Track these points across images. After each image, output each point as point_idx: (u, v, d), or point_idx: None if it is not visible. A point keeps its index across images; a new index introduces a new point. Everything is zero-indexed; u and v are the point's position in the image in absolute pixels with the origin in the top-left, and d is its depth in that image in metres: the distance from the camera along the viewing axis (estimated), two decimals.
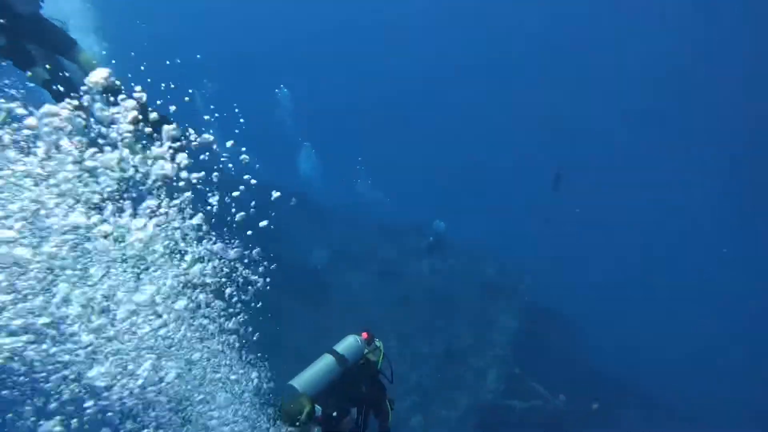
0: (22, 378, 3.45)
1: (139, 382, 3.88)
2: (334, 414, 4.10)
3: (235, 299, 4.89)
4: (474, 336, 15.33)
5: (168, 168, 3.82)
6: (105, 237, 3.61)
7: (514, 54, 40.36)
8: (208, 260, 4.44)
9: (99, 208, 3.64)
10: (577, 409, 14.51)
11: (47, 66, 5.20)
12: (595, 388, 15.92)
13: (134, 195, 3.91)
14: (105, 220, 3.64)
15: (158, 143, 3.97)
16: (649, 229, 37.79)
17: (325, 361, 4.21)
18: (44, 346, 3.39)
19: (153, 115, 4.15)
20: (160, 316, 4.07)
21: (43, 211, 3.21)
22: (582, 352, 17.69)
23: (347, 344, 4.40)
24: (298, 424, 3.84)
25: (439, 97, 43.23)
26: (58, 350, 3.47)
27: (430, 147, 42.31)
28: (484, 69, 41.92)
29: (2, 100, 3.15)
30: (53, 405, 3.64)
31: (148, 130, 4.07)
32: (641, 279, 32.82)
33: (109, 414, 3.84)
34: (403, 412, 13.81)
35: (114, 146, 3.71)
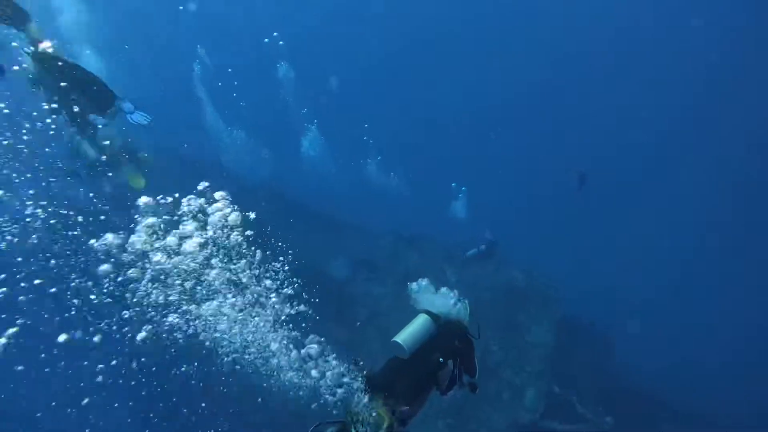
0: None
1: None
2: (441, 360, 4.46)
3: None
4: (506, 350, 14.20)
5: None
6: None
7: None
8: None
9: None
10: None
11: None
12: (641, 408, 14.89)
13: None
14: None
15: None
16: (685, 236, 36.05)
17: (423, 319, 4.60)
18: None
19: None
20: None
21: None
22: (622, 368, 16.60)
23: (437, 300, 4.86)
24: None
25: (457, 79, 40.42)
26: None
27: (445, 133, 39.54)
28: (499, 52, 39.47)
29: None
30: None
31: None
32: (677, 288, 31.39)
33: None
34: None
35: None
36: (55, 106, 7.37)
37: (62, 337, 5.47)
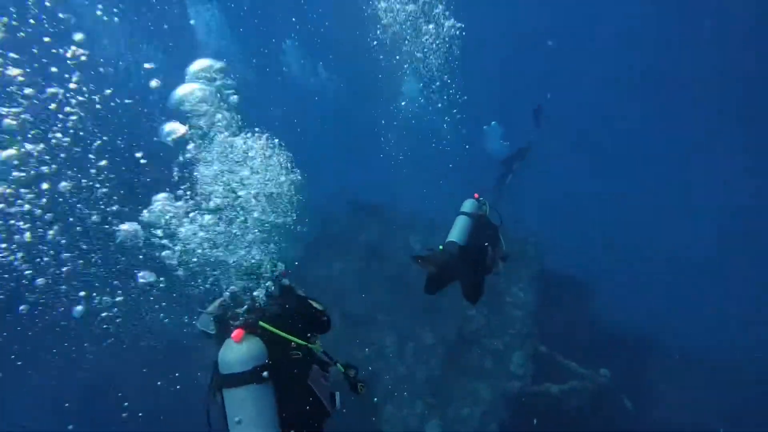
0: None
1: None
2: (486, 245, 5.53)
3: None
4: (485, 314, 12.88)
5: None
6: None
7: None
8: None
9: None
10: (623, 383, 12.29)
11: None
12: (632, 355, 13.82)
13: None
14: None
15: None
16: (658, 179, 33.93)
17: (461, 219, 5.60)
18: None
19: None
20: None
21: None
22: (607, 318, 15.50)
23: (468, 204, 5.71)
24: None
25: None
26: None
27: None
28: None
29: None
30: None
31: None
32: (651, 233, 29.91)
33: None
34: (416, 419, 11.30)
35: None
36: None
37: None
